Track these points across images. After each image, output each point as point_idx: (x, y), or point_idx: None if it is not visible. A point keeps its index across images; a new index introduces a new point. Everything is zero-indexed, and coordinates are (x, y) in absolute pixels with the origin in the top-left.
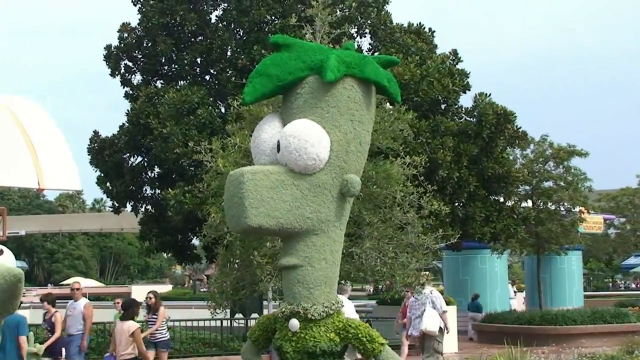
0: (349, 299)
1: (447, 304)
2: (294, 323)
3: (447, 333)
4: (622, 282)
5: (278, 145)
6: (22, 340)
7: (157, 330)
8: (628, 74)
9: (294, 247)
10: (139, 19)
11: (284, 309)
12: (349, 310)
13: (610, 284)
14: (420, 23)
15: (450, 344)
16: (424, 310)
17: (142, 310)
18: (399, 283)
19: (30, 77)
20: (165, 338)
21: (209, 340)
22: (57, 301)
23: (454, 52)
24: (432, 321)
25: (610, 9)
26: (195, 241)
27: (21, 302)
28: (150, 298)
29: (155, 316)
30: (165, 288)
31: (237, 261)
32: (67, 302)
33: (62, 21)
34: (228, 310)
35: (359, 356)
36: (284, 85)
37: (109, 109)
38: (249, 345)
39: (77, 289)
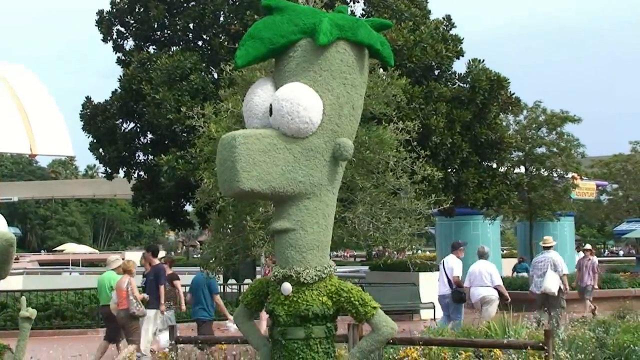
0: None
1: (439, 269)
2: (287, 287)
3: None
4: (615, 247)
5: (270, 109)
6: (217, 298)
7: None
8: (622, 42)
9: (286, 211)
10: None
11: (276, 273)
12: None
13: (603, 250)
14: None
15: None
16: (546, 271)
17: None
18: (392, 248)
19: (22, 44)
20: None
21: None
22: (51, 267)
23: (448, 18)
24: (552, 283)
25: None
26: (188, 207)
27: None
28: None
29: None
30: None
31: (229, 226)
32: (61, 268)
33: None
34: (221, 276)
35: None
36: (276, 48)
37: (102, 75)
38: (241, 309)
39: None
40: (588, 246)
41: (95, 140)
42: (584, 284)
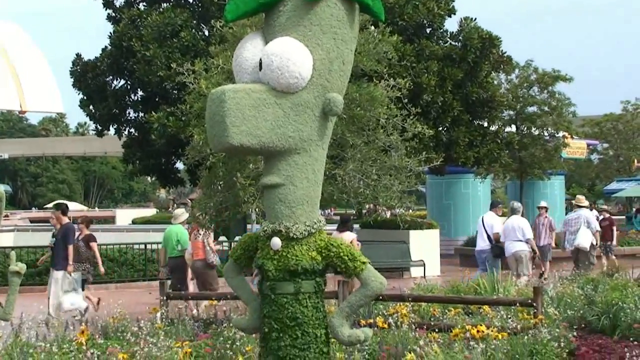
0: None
1: (430, 227)
2: (276, 242)
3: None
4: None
5: (260, 64)
6: None
7: None
8: (619, 4)
9: (275, 166)
10: None
11: (265, 228)
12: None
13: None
14: None
15: (433, 267)
16: (579, 228)
17: None
18: (382, 205)
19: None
20: None
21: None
22: (42, 224)
23: None
24: (586, 238)
25: None
26: (179, 164)
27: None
28: None
29: None
30: (149, 212)
31: (220, 183)
32: (52, 225)
33: None
34: (212, 233)
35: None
36: (266, 2)
37: (92, 31)
38: (231, 264)
39: None
40: (543, 203)
41: (85, 98)
42: (542, 244)
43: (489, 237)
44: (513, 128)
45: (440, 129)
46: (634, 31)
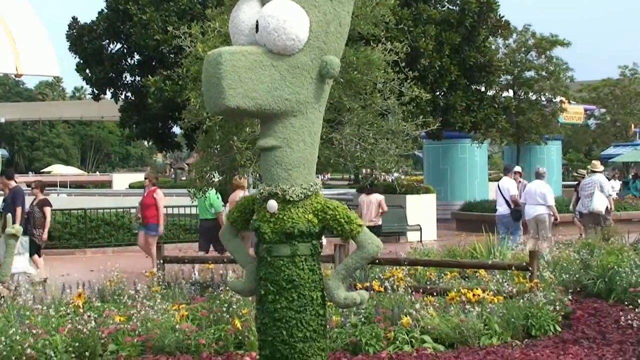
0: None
1: (426, 192)
2: (272, 204)
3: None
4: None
5: (257, 26)
6: None
7: None
8: None
9: (272, 129)
10: None
11: (262, 191)
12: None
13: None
14: None
15: (429, 232)
16: (593, 192)
17: None
18: (379, 169)
19: None
20: None
21: (189, 226)
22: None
23: None
24: (601, 203)
25: None
26: (176, 129)
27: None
28: None
29: None
30: None
31: (217, 147)
32: (49, 189)
33: None
34: None
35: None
36: None
37: None
38: (227, 227)
39: None
40: (518, 168)
41: (81, 61)
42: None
43: (507, 202)
44: (510, 93)
45: (438, 93)
46: None
